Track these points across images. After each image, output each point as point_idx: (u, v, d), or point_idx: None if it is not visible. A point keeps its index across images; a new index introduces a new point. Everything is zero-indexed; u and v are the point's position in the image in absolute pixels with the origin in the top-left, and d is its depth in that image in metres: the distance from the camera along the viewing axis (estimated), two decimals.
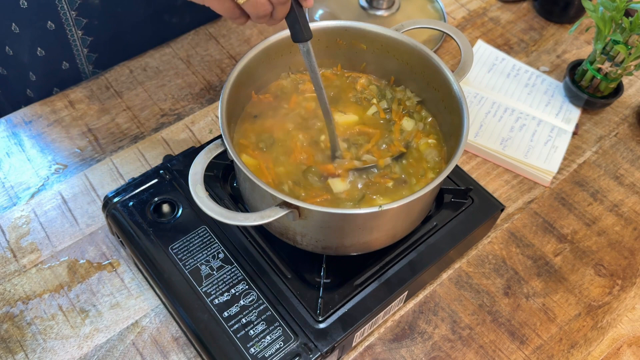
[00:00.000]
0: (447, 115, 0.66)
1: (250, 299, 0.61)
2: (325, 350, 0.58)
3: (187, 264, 0.63)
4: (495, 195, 0.76)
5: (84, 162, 0.80)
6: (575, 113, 0.90)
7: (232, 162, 0.59)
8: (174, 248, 0.64)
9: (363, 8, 0.98)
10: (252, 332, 0.59)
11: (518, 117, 0.88)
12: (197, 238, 0.65)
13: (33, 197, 0.76)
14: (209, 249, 0.64)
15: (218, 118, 0.70)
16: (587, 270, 0.75)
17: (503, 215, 0.79)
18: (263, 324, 0.59)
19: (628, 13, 0.85)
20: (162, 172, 0.70)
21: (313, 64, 0.57)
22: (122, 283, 0.69)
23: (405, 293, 0.66)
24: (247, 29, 0.98)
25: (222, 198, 0.69)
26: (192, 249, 0.64)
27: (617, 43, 0.81)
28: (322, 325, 0.60)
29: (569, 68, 0.91)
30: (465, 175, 0.73)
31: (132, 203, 0.67)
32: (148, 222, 0.66)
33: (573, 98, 0.90)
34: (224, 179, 0.71)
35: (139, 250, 0.64)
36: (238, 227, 0.66)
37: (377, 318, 0.64)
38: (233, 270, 0.63)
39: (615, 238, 0.78)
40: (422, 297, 0.71)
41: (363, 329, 0.63)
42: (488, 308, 0.71)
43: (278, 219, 0.53)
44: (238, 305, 0.60)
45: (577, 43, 1.01)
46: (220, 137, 0.56)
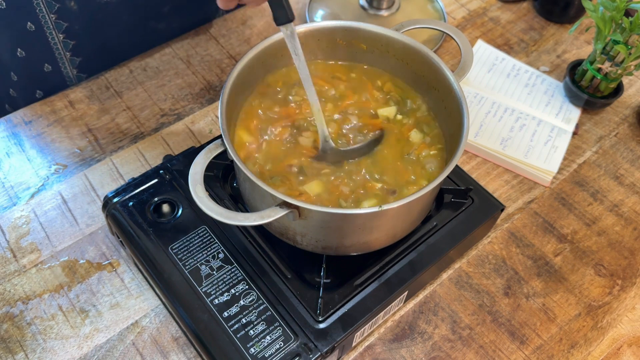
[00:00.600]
0: (447, 115, 0.66)
1: (250, 299, 0.61)
2: (325, 350, 0.58)
3: (187, 264, 0.63)
4: (495, 195, 0.76)
5: (84, 162, 0.80)
6: (575, 113, 0.90)
7: (232, 162, 0.59)
8: (174, 248, 0.64)
9: (363, 8, 0.98)
10: (252, 332, 0.59)
11: (518, 117, 0.88)
12: (197, 238, 0.65)
13: (33, 197, 0.76)
14: (209, 249, 0.64)
15: (218, 118, 0.70)
16: (587, 270, 0.75)
17: (503, 215, 0.79)
18: (263, 324, 0.59)
19: (628, 13, 0.85)
20: (162, 172, 0.70)
21: (297, 48, 0.55)
22: (122, 283, 0.69)
23: (405, 293, 0.66)
24: (247, 29, 0.98)
25: (222, 198, 0.69)
26: (192, 249, 0.64)
27: (617, 43, 0.81)
28: (322, 325, 0.60)
29: (569, 68, 0.91)
30: (465, 175, 0.73)
31: (132, 203, 0.67)
32: (148, 222, 0.66)
33: (573, 98, 0.90)
34: (224, 179, 0.71)
35: (139, 250, 0.64)
36: (238, 227, 0.66)
37: (377, 318, 0.64)
38: (233, 270, 0.63)
39: (615, 238, 0.78)
40: (422, 297, 0.71)
41: (363, 329, 0.63)
42: (488, 308, 0.71)
43: (278, 219, 0.53)
44: (238, 305, 0.60)
45: (577, 43, 1.01)
46: (220, 137, 0.56)
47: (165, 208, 0.67)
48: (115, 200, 0.67)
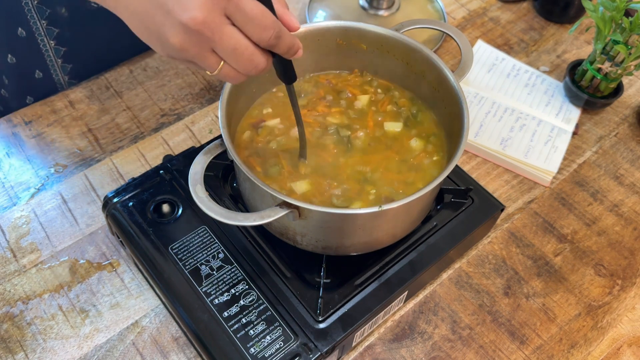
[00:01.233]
0: (447, 116, 0.66)
1: (250, 299, 0.61)
2: (325, 350, 0.58)
3: (187, 264, 0.63)
4: (495, 195, 0.76)
5: (84, 162, 0.80)
6: (575, 113, 0.90)
7: (232, 162, 0.59)
8: (174, 248, 0.64)
9: (363, 8, 0.98)
10: (252, 332, 0.59)
11: (518, 117, 0.88)
12: (197, 238, 0.65)
13: (33, 197, 0.76)
14: (209, 249, 0.64)
15: (218, 118, 0.70)
16: (587, 270, 0.75)
17: (503, 215, 0.79)
18: (263, 324, 0.59)
19: (628, 13, 0.85)
20: (162, 172, 0.70)
21: (295, 101, 0.58)
22: (122, 283, 0.69)
23: (405, 293, 0.66)
24: None
25: (222, 198, 0.69)
26: (192, 249, 0.64)
27: (617, 43, 0.81)
28: (322, 325, 0.60)
29: (569, 68, 0.91)
30: (465, 175, 0.73)
31: (132, 203, 0.67)
32: (148, 222, 0.66)
33: (573, 98, 0.90)
34: (224, 179, 0.71)
35: (139, 250, 0.64)
36: (238, 227, 0.66)
37: (377, 318, 0.64)
38: (233, 270, 0.63)
39: (615, 238, 0.78)
40: (422, 297, 0.71)
41: (363, 329, 0.63)
42: (488, 308, 0.71)
43: (278, 219, 0.53)
44: (238, 305, 0.60)
45: (577, 43, 1.01)
46: (220, 137, 0.56)
47: (165, 208, 0.67)
48: (115, 200, 0.67)
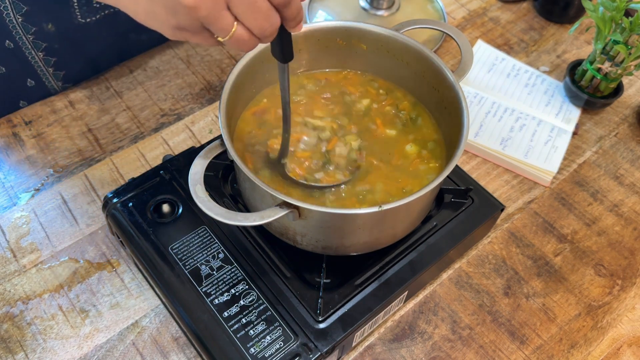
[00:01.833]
0: (447, 115, 0.66)
1: (250, 299, 0.61)
2: (325, 350, 0.58)
3: (187, 264, 0.63)
4: (495, 195, 0.76)
5: (84, 162, 0.80)
6: (575, 113, 0.90)
7: (232, 162, 0.59)
8: (174, 248, 0.64)
9: (363, 8, 0.98)
10: (252, 332, 0.59)
11: (518, 117, 0.88)
12: (197, 238, 0.65)
13: (33, 197, 0.76)
14: (209, 249, 0.64)
15: (218, 118, 0.70)
16: (587, 270, 0.75)
17: (503, 215, 0.79)
18: (263, 324, 0.59)
19: (628, 13, 0.85)
20: (162, 172, 0.70)
21: (286, 83, 0.55)
22: (122, 283, 0.69)
23: (405, 293, 0.66)
24: None
25: (222, 198, 0.69)
26: (192, 249, 0.64)
27: (617, 43, 0.81)
28: (322, 325, 0.60)
29: (569, 68, 0.91)
30: (465, 175, 0.73)
31: (132, 203, 0.67)
32: (148, 222, 0.66)
33: (573, 98, 0.90)
34: (224, 179, 0.71)
35: (139, 250, 0.64)
36: (238, 227, 0.66)
37: (377, 318, 0.64)
38: (233, 270, 0.63)
39: (615, 238, 0.78)
40: (422, 297, 0.71)
41: (363, 329, 0.63)
42: (488, 308, 0.71)
43: (278, 219, 0.53)
44: (238, 305, 0.60)
45: (577, 43, 1.01)
46: (220, 137, 0.56)
47: (165, 208, 0.67)
48: (115, 200, 0.67)
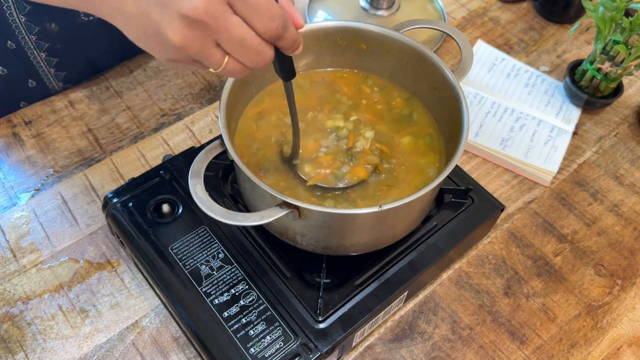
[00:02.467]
0: (447, 115, 0.66)
1: (250, 299, 0.61)
2: (325, 350, 0.58)
3: (187, 264, 0.63)
4: (495, 195, 0.76)
5: (84, 162, 0.80)
6: (576, 113, 0.90)
7: (232, 162, 0.59)
8: (174, 248, 0.64)
9: (363, 8, 0.98)
10: (252, 332, 0.59)
11: (518, 117, 0.88)
12: (197, 238, 0.65)
13: (33, 197, 0.76)
14: (209, 249, 0.64)
15: (218, 118, 0.70)
16: (587, 270, 0.75)
17: (503, 215, 0.79)
18: (263, 324, 0.59)
19: (628, 13, 0.85)
20: (162, 172, 0.70)
21: (291, 97, 0.56)
22: (122, 283, 0.69)
23: (405, 293, 0.66)
24: None
25: (222, 198, 0.69)
26: (192, 249, 0.64)
27: (617, 43, 0.81)
28: (322, 325, 0.60)
29: (569, 68, 0.91)
30: (465, 175, 0.73)
31: (132, 203, 0.67)
32: (148, 222, 0.66)
33: (573, 98, 0.90)
34: (224, 179, 0.71)
35: (139, 250, 0.64)
36: (238, 227, 0.66)
37: (377, 318, 0.64)
38: (233, 270, 0.63)
39: (615, 238, 0.78)
40: (422, 297, 0.71)
41: (363, 329, 0.63)
42: (488, 308, 0.71)
43: (278, 219, 0.53)
44: (238, 305, 0.60)
45: (577, 43, 1.01)
46: (220, 137, 0.56)
47: (165, 208, 0.67)
48: (115, 200, 0.67)
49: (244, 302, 0.61)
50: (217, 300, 0.61)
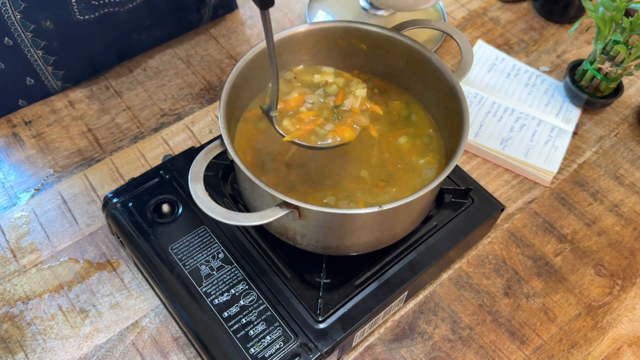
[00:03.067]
0: (447, 115, 0.66)
1: (250, 299, 0.61)
2: (325, 351, 0.58)
3: (187, 264, 0.63)
4: (495, 195, 0.76)
5: (84, 162, 0.80)
6: (576, 113, 0.90)
7: (232, 162, 0.59)
8: (174, 248, 0.64)
9: (363, 8, 0.98)
10: (252, 332, 0.59)
11: (518, 117, 0.88)
12: (197, 238, 0.65)
13: (33, 197, 0.76)
14: (209, 249, 0.64)
15: (218, 118, 0.70)
16: (587, 270, 0.75)
17: (503, 215, 0.79)
18: (263, 324, 0.59)
19: (628, 13, 0.85)
20: (162, 172, 0.70)
21: (268, 30, 0.54)
22: (122, 283, 0.69)
23: (405, 293, 0.66)
24: (247, 29, 0.98)
25: (222, 198, 0.69)
26: (192, 249, 0.64)
27: (617, 43, 0.81)
28: (322, 325, 0.60)
29: (569, 68, 0.91)
30: (465, 175, 0.73)
31: (132, 203, 0.67)
32: (148, 222, 0.66)
33: (573, 98, 0.90)
34: (224, 179, 0.71)
35: (139, 250, 0.64)
36: (238, 227, 0.66)
37: (377, 318, 0.64)
38: (233, 270, 0.63)
39: (616, 238, 0.78)
40: (422, 297, 0.71)
41: (363, 329, 0.63)
42: (488, 308, 0.71)
43: (278, 219, 0.53)
44: (238, 305, 0.60)
45: (577, 43, 1.01)
46: (220, 137, 0.56)
47: (165, 208, 0.67)
48: (115, 200, 0.67)
49: (244, 302, 0.61)
50: (217, 300, 0.61)
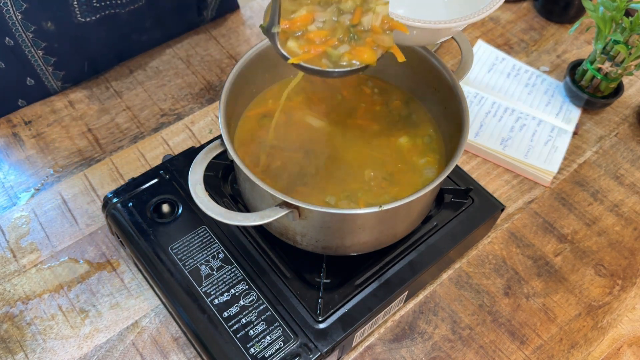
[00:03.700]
0: (447, 115, 0.66)
1: (250, 299, 0.61)
2: (325, 351, 0.58)
3: (187, 264, 0.63)
4: (496, 195, 0.76)
5: (84, 162, 0.80)
6: (576, 113, 0.90)
7: (232, 162, 0.59)
8: (174, 248, 0.64)
9: None
10: (252, 332, 0.59)
11: (518, 117, 0.88)
12: (197, 238, 0.65)
13: (33, 197, 0.76)
14: (209, 249, 0.64)
15: (218, 118, 0.70)
16: (587, 270, 0.75)
17: (503, 215, 0.79)
18: (263, 324, 0.59)
19: (628, 13, 0.85)
20: (162, 172, 0.70)
21: None
22: (122, 283, 0.69)
23: (406, 293, 0.66)
24: (247, 29, 0.98)
25: (222, 198, 0.69)
26: (192, 249, 0.64)
27: (617, 43, 0.81)
28: (322, 326, 0.60)
29: (569, 68, 0.91)
30: (465, 175, 0.73)
31: (132, 203, 0.67)
32: (148, 222, 0.66)
33: (573, 98, 0.90)
34: (224, 179, 0.71)
35: (139, 250, 0.64)
36: (238, 227, 0.66)
37: (377, 318, 0.64)
38: (233, 270, 0.63)
39: (616, 238, 0.78)
40: (422, 297, 0.71)
41: (363, 329, 0.63)
42: (488, 308, 0.70)
43: (278, 219, 0.53)
44: (238, 305, 0.60)
45: (577, 43, 1.01)
46: (220, 137, 0.56)
47: (165, 208, 0.67)
48: (115, 200, 0.67)
49: (244, 302, 0.61)
50: (217, 300, 0.61)
